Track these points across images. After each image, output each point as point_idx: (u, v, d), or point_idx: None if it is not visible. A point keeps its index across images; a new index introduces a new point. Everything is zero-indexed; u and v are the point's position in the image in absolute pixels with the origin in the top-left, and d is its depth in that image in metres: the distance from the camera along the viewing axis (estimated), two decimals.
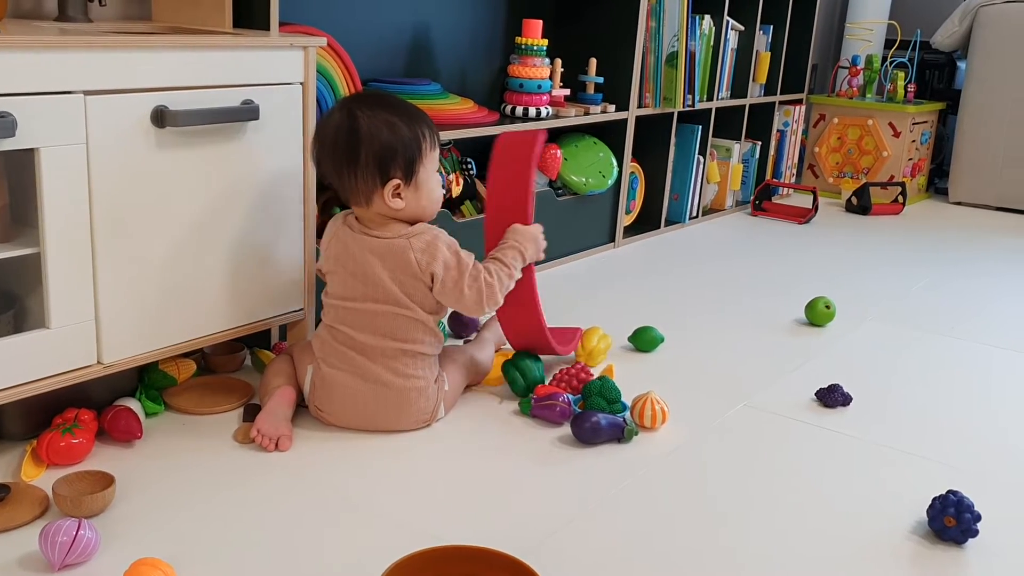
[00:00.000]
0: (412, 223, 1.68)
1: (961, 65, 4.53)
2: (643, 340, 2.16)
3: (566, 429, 1.74)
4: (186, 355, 1.82)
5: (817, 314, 2.43)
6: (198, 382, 1.82)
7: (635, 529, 1.44)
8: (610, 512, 1.48)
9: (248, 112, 1.62)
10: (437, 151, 1.71)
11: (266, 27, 1.82)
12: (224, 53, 1.59)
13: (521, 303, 1.82)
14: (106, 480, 1.41)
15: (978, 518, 1.42)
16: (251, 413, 1.71)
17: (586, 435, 1.68)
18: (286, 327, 1.91)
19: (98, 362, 1.52)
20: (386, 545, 1.33)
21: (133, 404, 1.65)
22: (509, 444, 1.69)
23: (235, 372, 1.91)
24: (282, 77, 1.70)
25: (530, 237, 1.79)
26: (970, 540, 1.44)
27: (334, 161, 1.64)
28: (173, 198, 1.56)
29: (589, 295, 2.59)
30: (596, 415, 1.68)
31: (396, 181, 1.63)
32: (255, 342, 1.96)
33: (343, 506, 1.45)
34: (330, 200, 2.31)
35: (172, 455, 1.57)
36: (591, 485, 1.56)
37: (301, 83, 1.73)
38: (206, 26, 1.83)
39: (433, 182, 1.70)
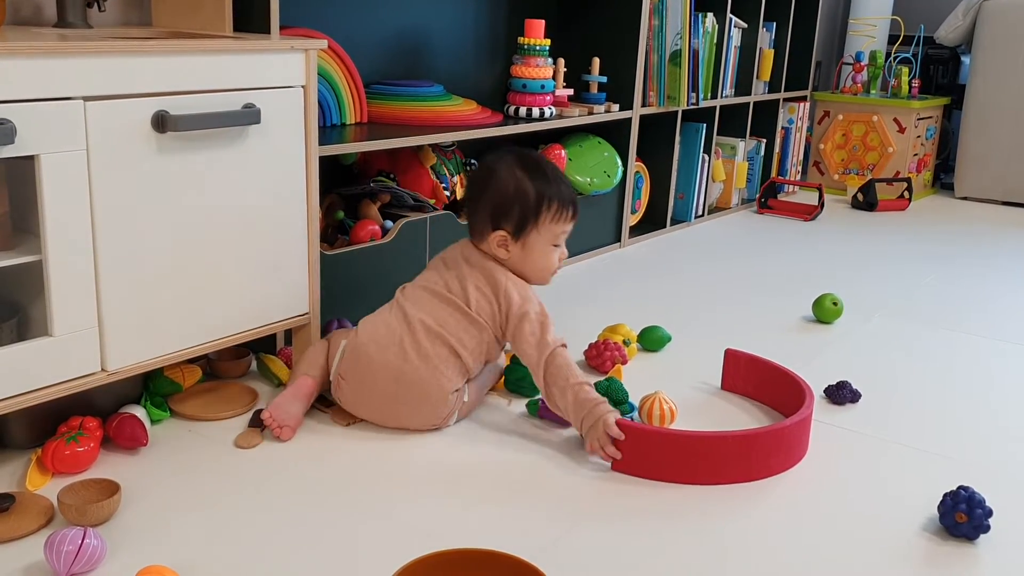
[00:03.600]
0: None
1: (965, 60, 4.51)
2: (650, 339, 2.15)
3: (573, 430, 1.72)
4: (191, 361, 1.81)
5: (824, 311, 2.42)
6: (204, 388, 1.82)
7: (644, 530, 1.43)
8: (619, 513, 1.47)
9: (249, 116, 1.62)
10: (566, 225, 1.77)
11: (266, 31, 1.81)
12: (224, 57, 1.58)
13: None
14: (111, 488, 1.40)
15: (989, 513, 1.41)
16: (257, 419, 1.70)
17: None
18: (291, 332, 1.90)
19: (102, 369, 1.51)
20: (393, 549, 1.32)
21: (138, 411, 1.64)
22: (517, 445, 1.68)
23: (241, 377, 1.90)
24: (283, 80, 1.69)
25: (600, 422, 1.60)
26: (982, 536, 1.42)
27: (468, 191, 1.84)
28: (175, 203, 1.55)
29: (596, 295, 2.58)
30: None
31: (503, 233, 1.73)
32: (261, 347, 1.95)
33: (350, 510, 1.44)
34: (334, 204, 2.30)
35: (178, 462, 1.56)
36: (599, 486, 1.55)
37: (303, 86, 1.72)
38: (206, 31, 1.82)
39: (547, 251, 1.76)
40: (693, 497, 1.53)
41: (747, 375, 1.93)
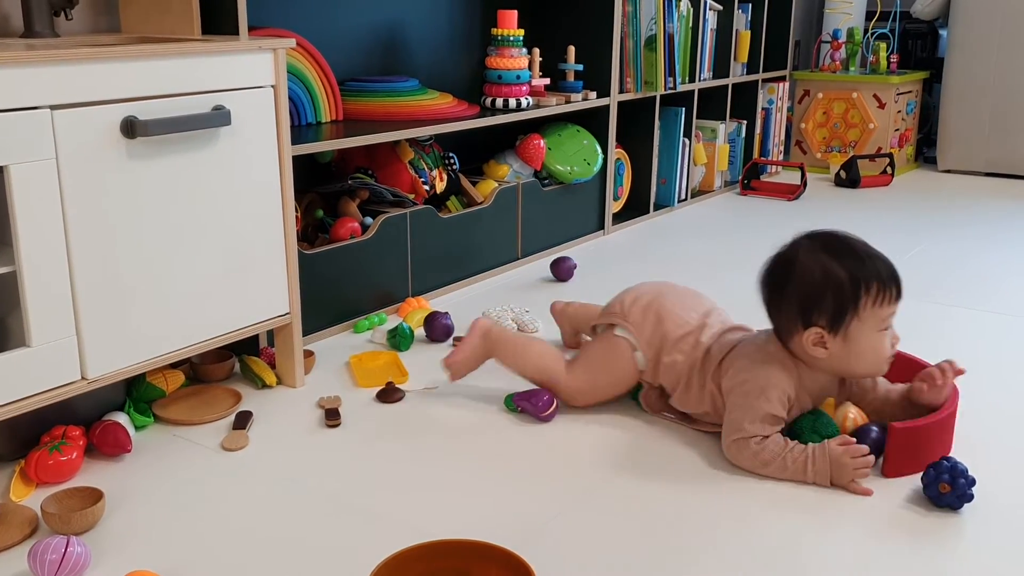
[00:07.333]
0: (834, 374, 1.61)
1: (943, 33, 4.51)
2: None
3: (557, 422, 1.73)
4: (174, 365, 1.81)
5: None
6: (187, 392, 1.82)
7: (630, 517, 1.43)
8: (604, 502, 1.48)
9: (219, 118, 1.61)
10: (892, 307, 1.53)
11: (235, 32, 1.81)
12: (192, 60, 1.58)
13: None
14: (95, 495, 1.40)
15: (972, 483, 1.42)
16: (242, 420, 1.70)
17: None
18: (273, 332, 1.90)
19: (82, 377, 1.51)
20: (378, 542, 1.32)
21: (122, 418, 1.64)
22: (499, 438, 1.68)
23: (224, 380, 1.90)
24: (252, 81, 1.68)
25: (833, 463, 1.50)
26: (965, 505, 1.43)
27: (765, 287, 1.61)
28: (149, 208, 1.55)
29: (582, 283, 2.58)
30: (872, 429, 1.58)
31: (818, 330, 1.52)
32: (243, 349, 1.95)
33: (334, 508, 1.44)
34: (313, 202, 2.30)
35: (163, 467, 1.56)
36: (584, 476, 1.55)
37: (272, 86, 1.72)
38: (175, 34, 1.82)
39: (875, 340, 1.53)
40: (683, 479, 1.53)
41: None
